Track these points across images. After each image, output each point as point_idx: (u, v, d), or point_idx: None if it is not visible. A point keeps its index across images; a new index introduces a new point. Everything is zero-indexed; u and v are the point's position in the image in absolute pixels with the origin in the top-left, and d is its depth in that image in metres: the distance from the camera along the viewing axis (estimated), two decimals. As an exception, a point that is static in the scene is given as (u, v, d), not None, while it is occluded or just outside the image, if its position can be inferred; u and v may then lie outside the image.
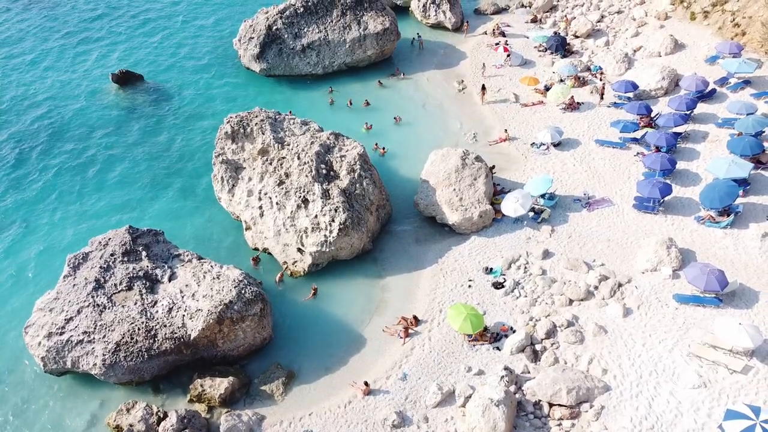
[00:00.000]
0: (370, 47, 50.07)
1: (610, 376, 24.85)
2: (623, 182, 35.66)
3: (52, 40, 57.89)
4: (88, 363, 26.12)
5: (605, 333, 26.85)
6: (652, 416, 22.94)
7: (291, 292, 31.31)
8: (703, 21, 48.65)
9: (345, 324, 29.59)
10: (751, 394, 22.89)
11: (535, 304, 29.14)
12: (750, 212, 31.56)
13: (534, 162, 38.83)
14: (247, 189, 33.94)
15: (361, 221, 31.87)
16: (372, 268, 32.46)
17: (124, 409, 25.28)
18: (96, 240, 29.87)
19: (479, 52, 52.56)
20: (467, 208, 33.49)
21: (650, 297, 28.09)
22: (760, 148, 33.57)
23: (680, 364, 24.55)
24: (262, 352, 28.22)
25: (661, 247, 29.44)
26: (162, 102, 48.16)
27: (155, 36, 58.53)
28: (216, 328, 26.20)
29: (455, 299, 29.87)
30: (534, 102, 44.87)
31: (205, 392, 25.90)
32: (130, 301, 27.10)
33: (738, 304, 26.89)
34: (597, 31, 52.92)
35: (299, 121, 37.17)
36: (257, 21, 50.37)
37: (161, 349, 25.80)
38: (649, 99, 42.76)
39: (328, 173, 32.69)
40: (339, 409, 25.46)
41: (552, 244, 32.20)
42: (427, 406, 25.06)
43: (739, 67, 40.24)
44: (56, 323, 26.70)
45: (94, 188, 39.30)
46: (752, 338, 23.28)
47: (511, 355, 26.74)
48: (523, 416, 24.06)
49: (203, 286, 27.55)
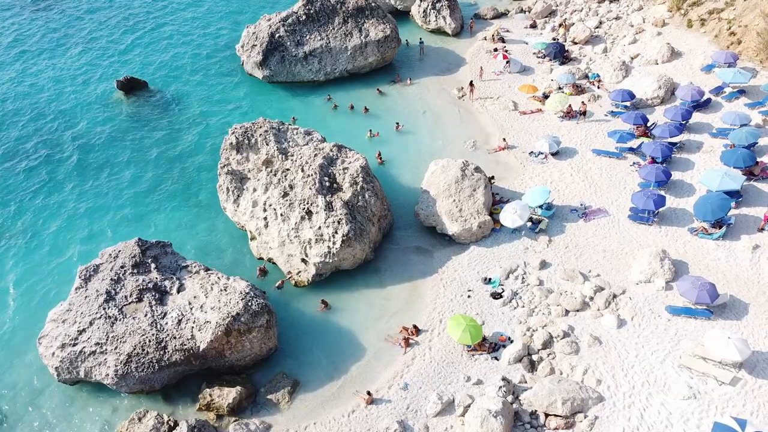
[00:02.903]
0: (372, 54, 50.77)
1: (604, 387, 25.80)
2: (619, 192, 36.48)
3: (57, 46, 58.52)
4: (100, 373, 27.07)
5: (600, 344, 27.78)
6: (643, 427, 23.89)
7: (295, 302, 32.19)
8: (700, 29, 49.33)
9: (348, 333, 30.50)
10: (739, 405, 23.84)
11: (533, 314, 30.05)
12: (742, 224, 32.41)
13: (532, 171, 39.63)
14: (252, 200, 34.76)
15: (364, 233, 32.74)
16: (374, 278, 33.35)
17: (136, 418, 26.15)
18: (106, 252, 30.76)
19: (479, 58, 53.24)
20: (467, 219, 34.34)
21: (644, 308, 29.01)
22: (752, 160, 34.37)
23: (671, 376, 25.50)
24: (268, 362, 29.16)
25: (655, 259, 30.33)
26: (166, 109, 48.88)
27: (158, 41, 59.11)
28: (224, 339, 27.12)
29: (455, 309, 30.78)
30: (532, 110, 45.62)
31: (213, 401, 26.85)
32: (140, 313, 28.00)
33: (728, 316, 27.81)
34: (595, 37, 53.57)
35: (302, 130, 38.02)
36: (260, 28, 51.01)
37: (171, 360, 26.73)
38: (645, 108, 43.52)
39: (331, 185, 33.53)
40: (343, 417, 26.39)
41: (549, 254, 33.09)
42: (427, 415, 25.99)
43: (734, 77, 40.94)
44: (69, 334, 27.60)
45: (100, 197, 40.02)
46: (740, 352, 24.23)
47: (509, 365, 27.67)
48: (520, 426, 25.01)
49: (211, 298, 28.46)
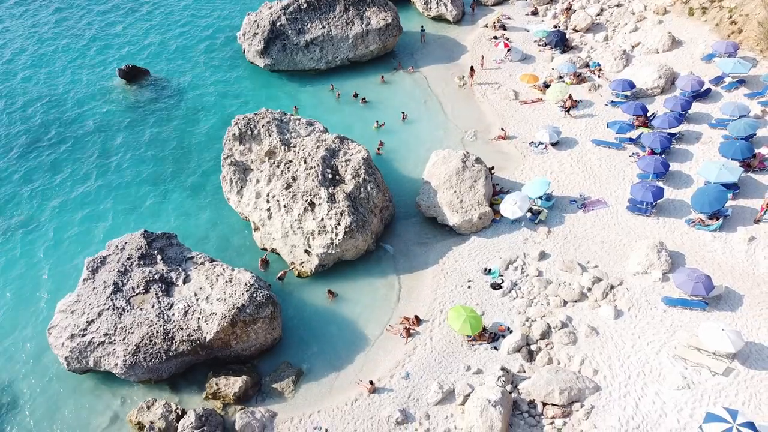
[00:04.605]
0: (373, 42, 50.83)
1: (601, 377, 26.47)
2: (618, 183, 36.88)
3: (58, 35, 58.46)
4: (109, 363, 27.74)
5: (597, 334, 28.41)
6: (638, 416, 24.60)
7: (298, 293, 32.78)
8: (701, 17, 49.30)
9: (350, 323, 31.14)
10: (731, 395, 24.53)
11: (531, 305, 30.64)
12: (738, 216, 32.87)
13: (532, 161, 39.99)
14: (256, 191, 35.18)
15: (366, 224, 33.22)
16: (376, 269, 33.90)
17: (145, 407, 26.93)
18: (113, 243, 31.27)
19: (480, 46, 53.29)
20: (467, 210, 34.81)
21: (640, 299, 29.59)
22: (750, 152, 34.71)
23: (666, 366, 26.15)
24: (273, 352, 29.81)
25: (652, 251, 30.85)
26: (168, 97, 49.07)
27: (159, 29, 59.06)
28: (230, 330, 27.75)
29: (455, 300, 31.38)
30: (533, 99, 45.84)
31: (220, 390, 27.56)
32: (147, 304, 28.60)
33: (723, 307, 28.40)
34: (596, 25, 53.55)
35: (304, 121, 38.29)
36: (261, 17, 50.99)
37: (179, 350, 27.39)
38: (645, 98, 43.74)
39: (333, 177, 33.94)
40: (346, 406, 27.10)
41: (548, 245, 33.60)
42: (428, 404, 26.70)
43: (734, 67, 41.09)
44: (78, 325, 28.23)
45: (103, 186, 40.42)
46: (733, 343, 24.84)
47: (508, 354, 28.32)
48: (518, 415, 25.73)
49: (216, 290, 29.04)
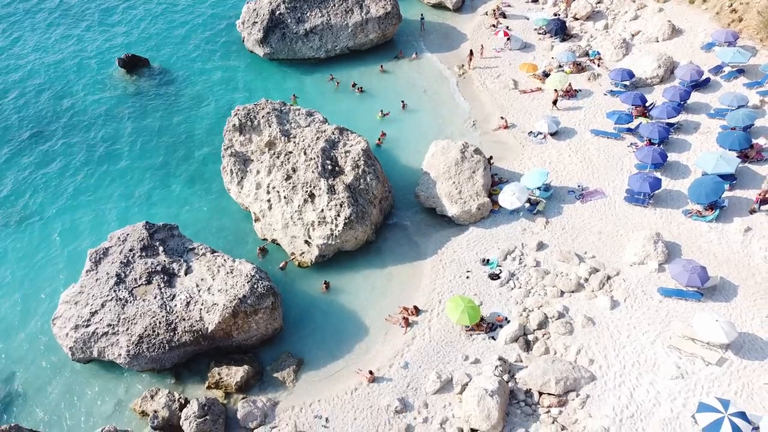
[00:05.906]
0: (372, 31, 50.70)
1: (596, 367, 26.92)
2: (616, 174, 37.08)
3: (56, 22, 58.19)
4: (113, 353, 28.19)
5: (593, 324, 28.82)
6: (632, 405, 25.08)
7: (299, 283, 33.16)
8: (702, 5, 49.16)
9: (350, 313, 31.55)
10: (724, 385, 24.98)
11: (529, 295, 31.01)
12: (735, 206, 33.12)
13: (531, 151, 40.15)
14: (256, 182, 35.41)
15: (365, 215, 33.50)
16: (375, 259, 34.26)
17: (148, 396, 27.47)
18: (115, 235, 31.60)
19: (480, 34, 53.15)
20: (466, 201, 35.07)
21: (636, 290, 29.96)
22: (748, 142, 34.87)
23: (661, 356, 26.59)
24: (274, 342, 30.27)
25: (649, 242, 31.16)
26: (168, 87, 49.10)
27: (158, 18, 58.74)
28: (231, 321, 28.16)
29: (454, 290, 31.75)
30: (532, 89, 45.87)
31: (222, 380, 28.05)
32: (150, 295, 28.99)
33: (718, 297, 28.78)
34: (597, 12, 53.37)
35: (304, 111, 38.37)
36: (260, 4, 50.81)
37: (181, 341, 27.82)
38: (644, 87, 43.77)
39: (333, 169, 34.16)
40: (346, 395, 27.60)
41: (546, 235, 33.89)
42: (427, 393, 27.19)
43: (733, 56, 41.08)
44: (82, 316, 28.65)
45: (104, 176, 40.65)
46: (727, 334, 25.25)
47: (505, 344, 28.75)
48: (515, 404, 26.22)
49: (218, 281, 29.41)
